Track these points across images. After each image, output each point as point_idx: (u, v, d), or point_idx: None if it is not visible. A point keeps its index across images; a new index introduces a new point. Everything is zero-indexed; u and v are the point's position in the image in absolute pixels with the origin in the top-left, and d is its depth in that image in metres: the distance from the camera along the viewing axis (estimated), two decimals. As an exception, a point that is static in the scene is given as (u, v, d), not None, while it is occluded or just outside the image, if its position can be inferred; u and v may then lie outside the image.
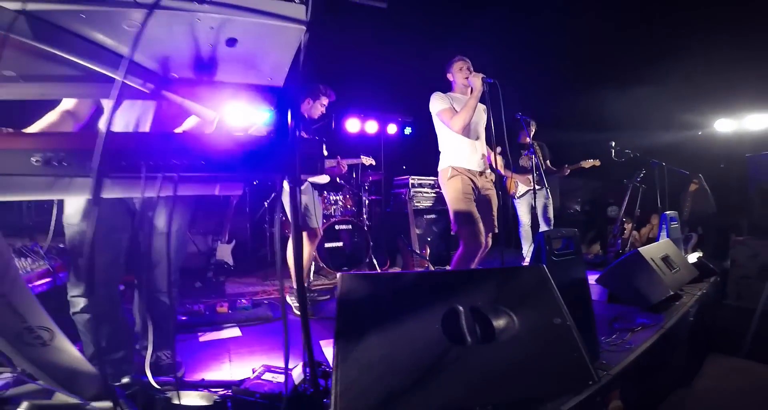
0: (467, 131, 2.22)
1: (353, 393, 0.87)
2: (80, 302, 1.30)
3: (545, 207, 3.76)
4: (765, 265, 3.05)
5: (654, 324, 2.03)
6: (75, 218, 1.32)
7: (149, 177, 0.75)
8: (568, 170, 3.83)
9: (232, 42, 0.75)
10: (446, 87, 2.48)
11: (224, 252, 3.32)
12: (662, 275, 2.20)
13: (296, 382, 1.25)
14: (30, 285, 1.46)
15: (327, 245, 3.32)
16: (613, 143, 3.74)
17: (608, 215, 5.54)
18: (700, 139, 4.92)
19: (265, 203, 3.67)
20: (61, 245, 1.61)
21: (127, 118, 1.42)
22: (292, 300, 2.51)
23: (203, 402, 1.04)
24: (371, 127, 5.02)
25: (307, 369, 1.02)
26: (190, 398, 1.05)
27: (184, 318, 2.26)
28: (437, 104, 2.26)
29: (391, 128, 5.30)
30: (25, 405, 0.94)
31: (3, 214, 2.58)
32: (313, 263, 3.13)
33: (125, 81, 0.78)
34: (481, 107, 2.38)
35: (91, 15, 0.67)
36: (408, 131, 5.55)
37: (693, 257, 3.11)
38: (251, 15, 0.72)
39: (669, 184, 3.63)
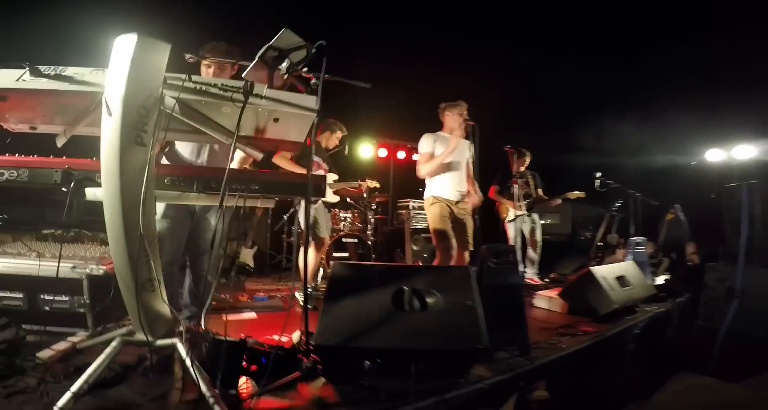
0: (447, 168, 2.83)
1: (328, 333, 1.45)
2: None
3: (533, 230, 4.26)
4: (731, 288, 3.40)
5: (595, 332, 2.46)
6: (156, 216, 1.97)
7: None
8: (559, 201, 4.32)
9: (276, 120, 1.39)
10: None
11: (247, 256, 3.96)
12: (610, 291, 2.65)
13: (294, 341, 1.85)
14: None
15: (335, 254, 3.92)
16: (599, 174, 4.24)
17: (608, 241, 5.94)
18: (692, 168, 5.33)
19: (285, 217, 4.32)
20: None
21: (190, 148, 2.09)
22: (299, 296, 3.09)
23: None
24: (382, 152, 5.71)
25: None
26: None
27: (213, 303, 2.87)
28: (421, 146, 2.90)
29: (401, 154, 5.97)
30: (120, 332, 1.55)
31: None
32: (321, 269, 3.70)
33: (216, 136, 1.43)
34: (465, 145, 2.98)
35: (209, 104, 1.32)
36: (416, 156, 6.20)
37: (660, 279, 3.51)
38: (288, 106, 1.36)
39: (650, 212, 4.08)
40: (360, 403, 1.44)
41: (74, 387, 1.31)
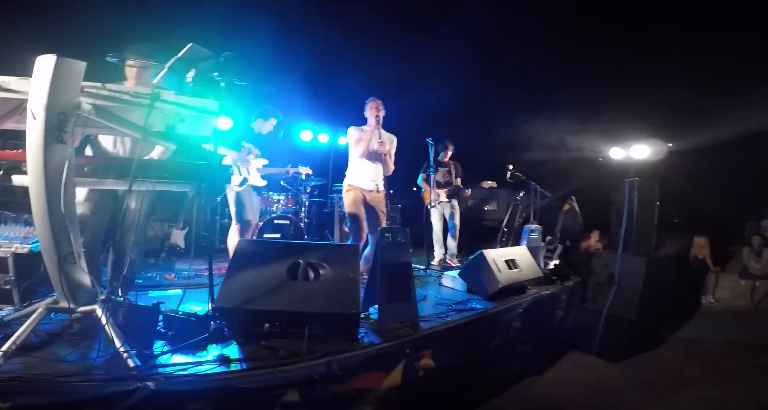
0: (364, 159, 3.22)
1: (226, 297, 1.80)
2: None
3: (452, 215, 4.81)
4: (612, 274, 3.94)
5: (483, 309, 2.87)
6: (80, 199, 2.18)
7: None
8: (469, 191, 4.89)
9: (182, 119, 1.68)
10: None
11: (177, 237, 4.15)
12: (497, 273, 3.13)
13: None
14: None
15: (266, 235, 4.22)
16: (510, 167, 4.84)
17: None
18: (599, 164, 6.16)
19: (218, 199, 4.52)
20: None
21: (111, 140, 2.31)
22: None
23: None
24: (323, 138, 5.99)
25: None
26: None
27: (139, 281, 3.09)
28: (349, 135, 3.25)
29: (342, 140, 6.28)
30: (46, 301, 1.80)
31: None
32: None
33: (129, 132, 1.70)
34: (387, 138, 3.38)
35: (122, 108, 1.58)
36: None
37: (552, 264, 4.17)
38: (190, 110, 1.66)
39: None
40: (260, 359, 1.81)
41: (4, 347, 1.57)
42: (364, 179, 3.27)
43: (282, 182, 4.46)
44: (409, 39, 6.08)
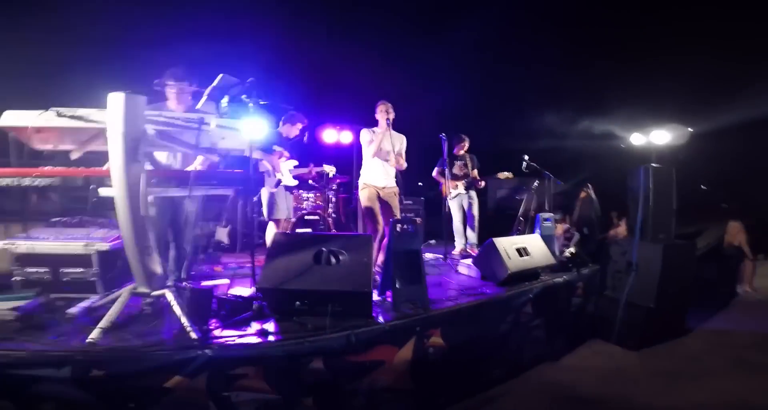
0: (379, 157, 3.55)
1: (266, 280, 2.21)
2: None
3: (470, 205, 5.03)
4: (630, 262, 3.89)
5: (492, 293, 3.10)
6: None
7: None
8: (483, 183, 5.06)
9: (223, 137, 2.09)
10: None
11: (222, 234, 4.68)
12: (507, 260, 3.31)
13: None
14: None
15: (297, 230, 4.66)
16: (526, 157, 4.97)
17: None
18: (621, 150, 6.13)
19: (255, 199, 5.00)
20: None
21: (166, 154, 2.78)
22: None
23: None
24: (346, 137, 6.37)
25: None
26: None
27: (192, 273, 3.61)
28: (362, 137, 3.60)
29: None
30: (129, 287, 2.27)
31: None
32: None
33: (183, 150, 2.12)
34: (397, 139, 3.69)
35: (176, 131, 2.01)
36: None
37: (568, 252, 4.29)
38: (227, 130, 2.06)
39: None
40: (292, 332, 2.21)
41: (101, 324, 2.04)
42: (377, 176, 3.61)
43: (310, 181, 4.87)
44: (422, 34, 6.29)
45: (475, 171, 5.13)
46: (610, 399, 2.87)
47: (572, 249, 4.25)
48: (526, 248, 3.64)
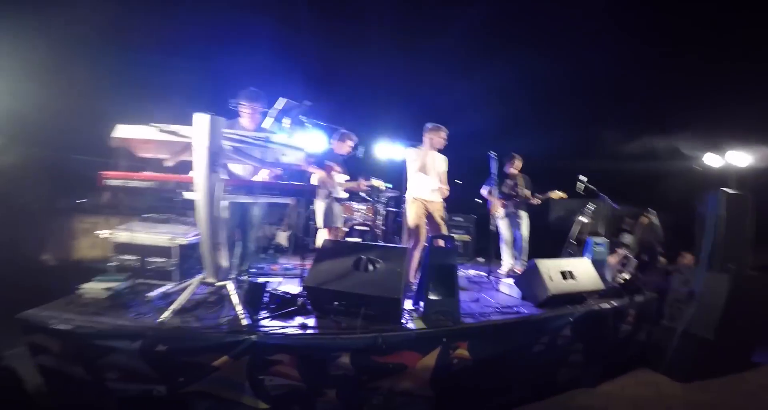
0: (423, 173, 3.75)
1: (311, 279, 2.49)
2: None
3: (519, 225, 4.97)
4: (692, 291, 3.79)
5: (528, 314, 3.11)
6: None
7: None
8: (538, 201, 4.98)
9: (284, 154, 2.44)
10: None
11: (281, 237, 5.14)
12: (548, 281, 3.29)
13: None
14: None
15: (347, 239, 4.97)
16: (585, 179, 4.83)
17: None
18: (693, 173, 5.65)
19: (312, 207, 5.44)
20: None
21: (241, 166, 3.23)
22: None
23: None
24: (398, 152, 6.62)
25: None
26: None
27: (252, 270, 4.04)
28: (407, 155, 3.83)
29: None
30: (199, 277, 2.68)
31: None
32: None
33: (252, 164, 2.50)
34: (442, 159, 3.87)
35: (247, 148, 2.39)
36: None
37: (621, 278, 4.09)
38: (289, 148, 2.40)
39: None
40: (327, 328, 2.47)
41: (173, 307, 2.45)
42: (424, 191, 3.80)
43: (362, 194, 5.20)
44: (478, 54, 6.42)
45: (528, 191, 5.06)
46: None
47: (626, 275, 4.07)
48: (572, 272, 3.57)
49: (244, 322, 2.40)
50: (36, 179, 6.19)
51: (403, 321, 2.63)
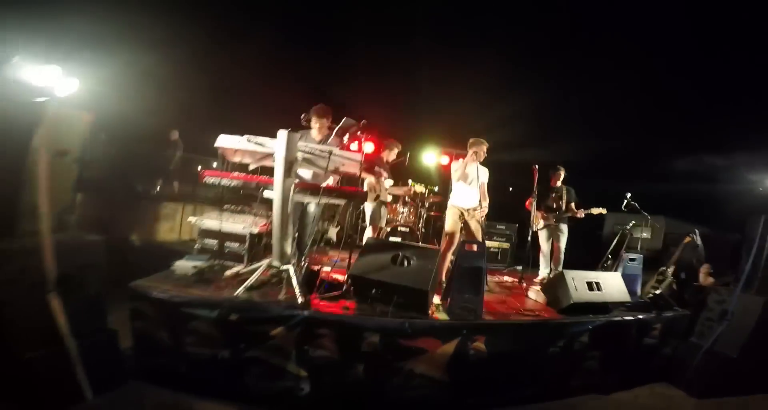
0: (463, 185, 4.13)
1: (355, 269, 3.02)
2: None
3: (558, 237, 5.16)
4: (725, 311, 3.83)
5: (547, 318, 3.41)
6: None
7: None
8: (582, 214, 5.12)
9: (343, 164, 3.00)
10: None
11: (332, 233, 5.76)
12: (573, 290, 3.51)
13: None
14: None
15: (390, 238, 5.46)
16: (629, 195, 4.93)
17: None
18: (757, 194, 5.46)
19: (362, 207, 6.01)
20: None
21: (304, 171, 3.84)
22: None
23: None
24: (445, 160, 7.02)
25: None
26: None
27: (307, 258, 4.66)
28: (452, 168, 4.23)
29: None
30: (266, 261, 3.31)
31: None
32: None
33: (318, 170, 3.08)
34: (484, 171, 4.23)
35: (315, 158, 2.98)
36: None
37: (652, 293, 4.16)
38: (347, 159, 2.95)
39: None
40: (364, 311, 2.96)
41: (245, 284, 3.07)
42: (463, 199, 4.18)
43: (407, 198, 5.66)
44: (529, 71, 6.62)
45: (572, 204, 5.20)
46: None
47: (658, 291, 4.15)
48: (599, 284, 3.75)
49: (300, 300, 2.95)
50: (131, 169, 7.42)
51: (429, 311, 3.06)
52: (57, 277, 2.43)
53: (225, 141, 2.99)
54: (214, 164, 7.58)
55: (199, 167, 8.06)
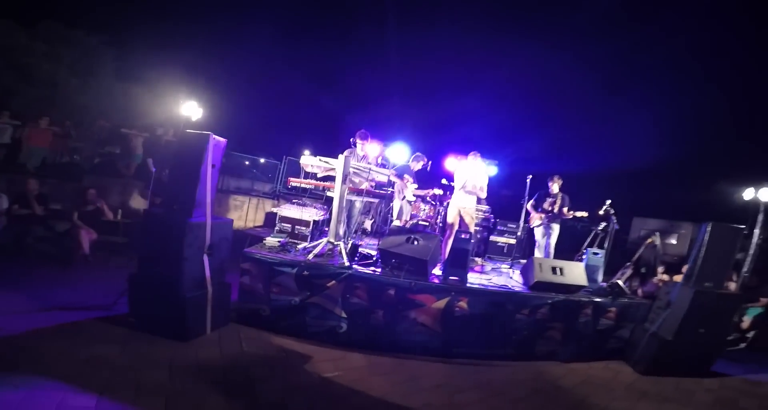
0: (461, 189, 5.67)
1: (383, 244, 4.68)
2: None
3: (549, 235, 6.51)
4: (669, 301, 4.85)
5: (516, 291, 4.78)
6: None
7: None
8: (571, 215, 6.41)
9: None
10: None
11: (367, 224, 7.45)
12: (537, 272, 4.88)
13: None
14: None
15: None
16: (609, 202, 6.16)
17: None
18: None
19: (392, 205, 7.65)
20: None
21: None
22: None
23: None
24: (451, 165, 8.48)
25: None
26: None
27: (351, 238, 6.39)
28: (457, 174, 5.77)
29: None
30: (325, 239, 5.04)
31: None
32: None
33: (363, 180, 4.81)
34: (482, 176, 5.72)
35: (362, 172, 4.70)
36: (494, 171, 8.73)
37: (611, 282, 5.40)
38: (380, 174, 4.63)
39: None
40: (387, 273, 4.57)
41: (313, 253, 4.81)
42: (460, 201, 5.72)
43: (428, 198, 7.21)
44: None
45: (565, 208, 6.43)
46: (578, 397, 3.78)
47: (616, 281, 5.40)
48: (563, 269, 5.08)
49: (346, 264, 4.63)
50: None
51: (429, 276, 4.66)
52: (209, 244, 4.16)
53: (305, 159, 4.77)
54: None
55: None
